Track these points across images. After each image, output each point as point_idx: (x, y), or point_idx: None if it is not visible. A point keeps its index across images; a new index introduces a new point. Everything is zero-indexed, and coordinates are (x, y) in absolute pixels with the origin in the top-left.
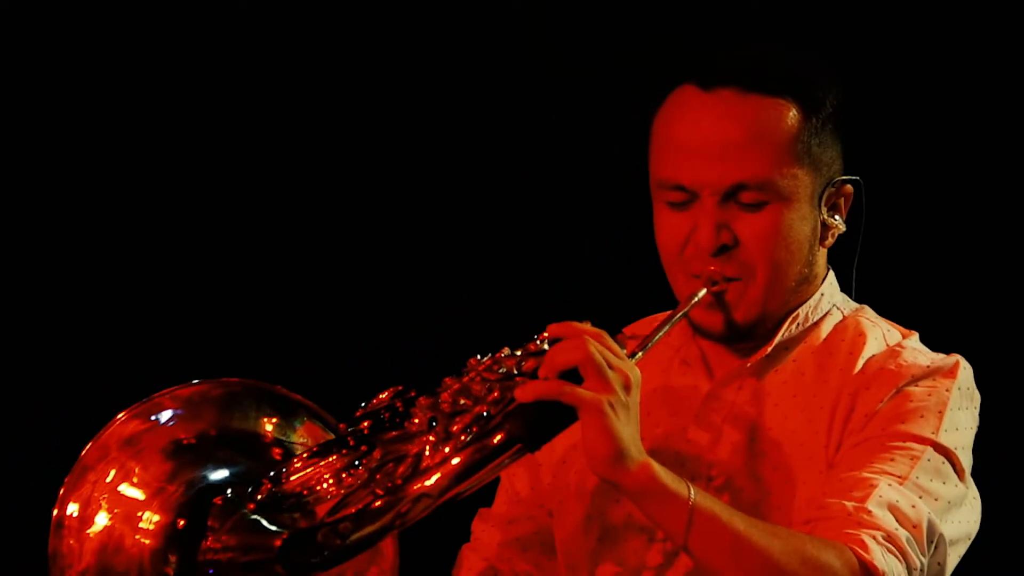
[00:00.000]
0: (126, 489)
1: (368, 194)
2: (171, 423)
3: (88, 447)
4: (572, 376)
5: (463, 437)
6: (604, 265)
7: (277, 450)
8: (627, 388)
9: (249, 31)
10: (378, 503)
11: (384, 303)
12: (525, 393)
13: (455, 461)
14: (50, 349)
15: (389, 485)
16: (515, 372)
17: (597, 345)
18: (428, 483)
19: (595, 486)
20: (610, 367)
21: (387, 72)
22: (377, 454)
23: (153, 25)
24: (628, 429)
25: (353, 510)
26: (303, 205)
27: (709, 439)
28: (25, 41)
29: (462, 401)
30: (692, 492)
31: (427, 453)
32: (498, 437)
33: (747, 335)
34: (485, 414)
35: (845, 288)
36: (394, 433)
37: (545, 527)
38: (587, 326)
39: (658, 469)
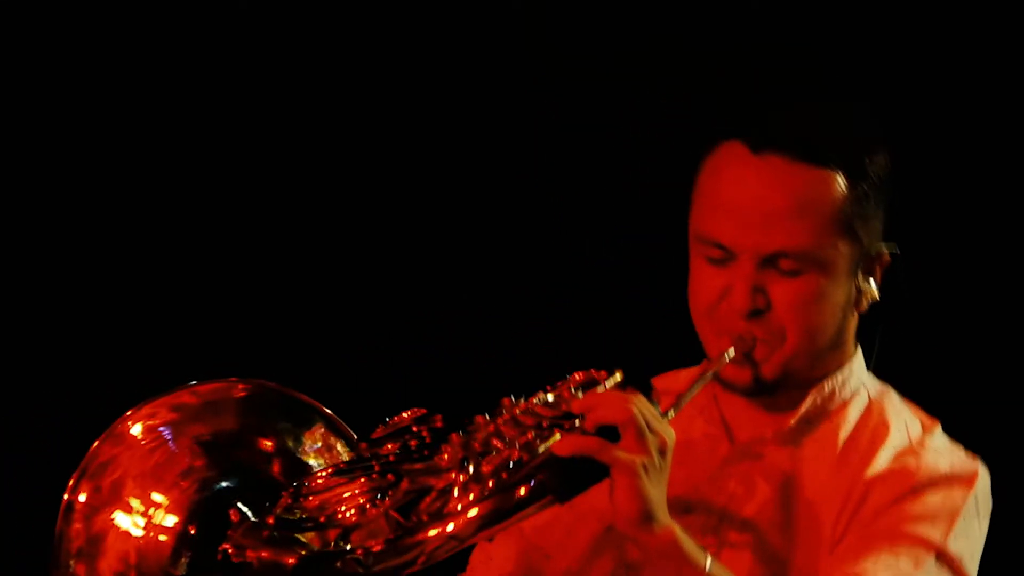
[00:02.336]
0: (139, 481)
1: (391, 196)
2: (189, 419)
3: (103, 436)
4: (609, 431)
5: (492, 482)
6: (628, 307)
7: (293, 456)
8: (663, 452)
9: (249, 31)
10: (406, 540)
11: (405, 313)
12: (563, 447)
13: (483, 506)
14: (68, 343)
15: (415, 520)
16: (550, 419)
17: (641, 406)
18: (455, 525)
19: (604, 534)
20: (650, 430)
21: (413, 72)
22: (404, 485)
23: (153, 25)
24: (657, 491)
25: (374, 543)
26: (328, 208)
27: (741, 494)
28: (25, 41)
29: (495, 443)
30: (709, 562)
31: (456, 494)
32: (530, 486)
33: (772, 391)
34: (517, 460)
35: (866, 352)
36: (420, 465)
37: (540, 570)
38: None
39: (680, 535)
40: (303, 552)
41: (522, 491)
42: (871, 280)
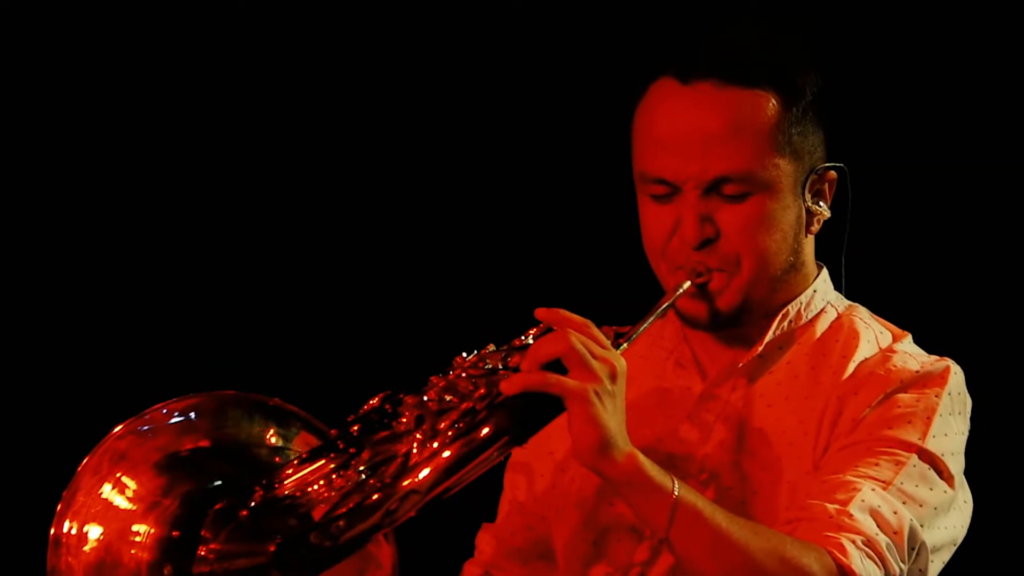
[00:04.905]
0: (121, 504)
1: (354, 198)
2: (165, 436)
3: (83, 463)
4: (558, 368)
5: (450, 433)
6: (589, 261)
7: (272, 460)
8: (612, 377)
9: (249, 31)
10: (368, 502)
11: (370, 309)
12: (510, 386)
13: (443, 456)
14: (43, 364)
15: (379, 484)
16: (500, 367)
17: (579, 336)
18: (417, 479)
19: (594, 492)
20: (594, 357)
21: (387, 72)
22: (366, 455)
23: (153, 25)
24: (614, 419)
25: (344, 510)
26: (288, 212)
27: (699, 437)
28: (25, 41)
29: (448, 398)
30: (676, 486)
31: (415, 451)
32: (485, 430)
33: (733, 323)
34: (471, 409)
35: (835, 277)
36: (383, 433)
37: (545, 537)
38: (572, 315)
39: (643, 460)
40: (279, 538)
41: (478, 436)
42: (820, 201)
